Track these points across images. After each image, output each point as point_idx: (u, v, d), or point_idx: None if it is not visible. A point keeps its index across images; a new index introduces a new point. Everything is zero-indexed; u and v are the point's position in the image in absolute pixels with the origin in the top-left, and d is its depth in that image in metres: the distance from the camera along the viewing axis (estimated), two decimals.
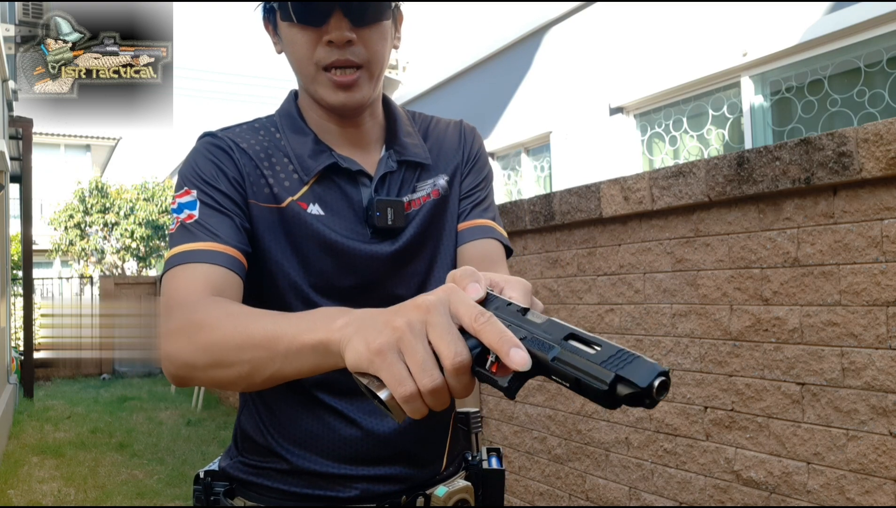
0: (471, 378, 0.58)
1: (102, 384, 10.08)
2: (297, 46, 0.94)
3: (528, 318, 0.61)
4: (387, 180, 1.00)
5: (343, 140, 1.01)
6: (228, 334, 0.73)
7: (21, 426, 6.64)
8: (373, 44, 0.93)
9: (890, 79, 4.21)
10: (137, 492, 4.47)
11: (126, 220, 17.54)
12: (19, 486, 4.63)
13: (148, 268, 18.46)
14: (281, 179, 0.96)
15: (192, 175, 0.94)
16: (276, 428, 0.98)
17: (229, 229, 0.90)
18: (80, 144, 22.80)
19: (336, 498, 0.96)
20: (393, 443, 0.97)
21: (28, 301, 8.24)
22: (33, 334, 8.57)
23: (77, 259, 17.71)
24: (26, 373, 8.25)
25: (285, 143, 1.00)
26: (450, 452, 1.05)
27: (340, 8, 0.90)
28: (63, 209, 17.67)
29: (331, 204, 0.97)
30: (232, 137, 0.99)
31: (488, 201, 1.08)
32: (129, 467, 5.17)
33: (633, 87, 5.84)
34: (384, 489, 0.97)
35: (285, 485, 0.97)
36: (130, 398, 8.43)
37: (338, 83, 0.93)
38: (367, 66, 0.94)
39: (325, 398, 0.96)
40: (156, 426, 6.68)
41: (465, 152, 1.09)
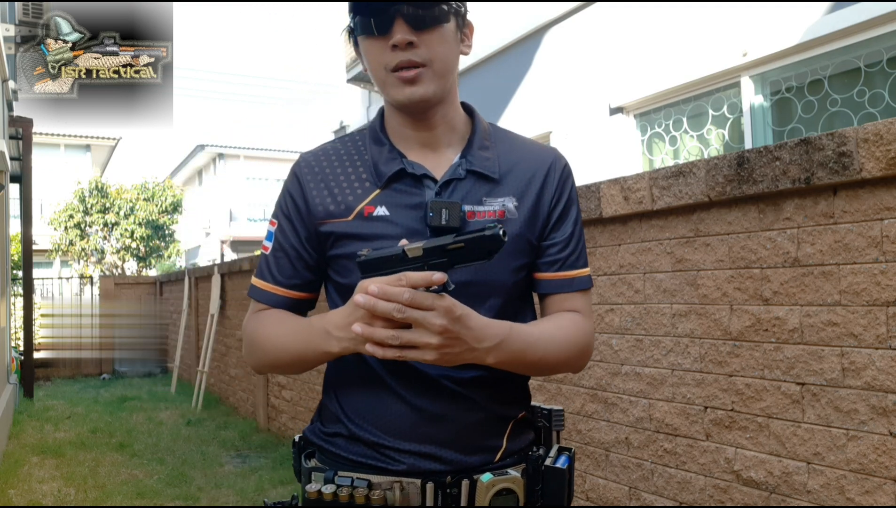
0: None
1: (102, 384, 10.07)
2: (370, 56, 1.09)
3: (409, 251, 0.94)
4: (452, 186, 1.10)
5: (417, 144, 1.13)
6: (271, 353, 1.13)
7: (21, 426, 6.64)
8: (433, 45, 1.06)
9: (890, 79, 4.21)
10: (137, 492, 4.47)
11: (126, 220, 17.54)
12: (19, 486, 4.63)
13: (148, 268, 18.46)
14: (354, 189, 1.12)
15: (276, 206, 1.19)
16: (342, 399, 1.13)
17: (285, 269, 1.15)
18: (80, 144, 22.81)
19: (386, 469, 1.07)
20: (439, 424, 1.07)
21: (28, 301, 8.24)
22: (33, 334, 8.57)
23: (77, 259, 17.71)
24: (26, 373, 8.24)
25: (366, 152, 1.15)
26: (508, 446, 1.11)
27: (401, 15, 1.03)
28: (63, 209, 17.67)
29: (395, 205, 1.09)
30: (309, 160, 1.17)
31: (579, 249, 1.17)
32: (129, 467, 5.17)
33: (633, 87, 5.84)
34: (430, 466, 1.06)
35: (346, 452, 1.11)
36: (130, 398, 8.43)
37: (402, 78, 1.05)
38: (429, 64, 1.06)
39: (384, 375, 1.08)
40: (156, 426, 6.68)
41: (550, 192, 1.15)
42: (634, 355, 2.47)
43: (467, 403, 1.08)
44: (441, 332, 0.91)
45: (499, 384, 1.11)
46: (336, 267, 1.14)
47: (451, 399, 1.07)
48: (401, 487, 1.06)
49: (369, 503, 1.04)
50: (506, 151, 1.16)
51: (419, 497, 1.06)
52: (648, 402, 2.41)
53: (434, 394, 1.07)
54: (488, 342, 0.97)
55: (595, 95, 6.23)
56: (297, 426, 5.61)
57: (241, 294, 7.11)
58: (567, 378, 2.74)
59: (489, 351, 0.97)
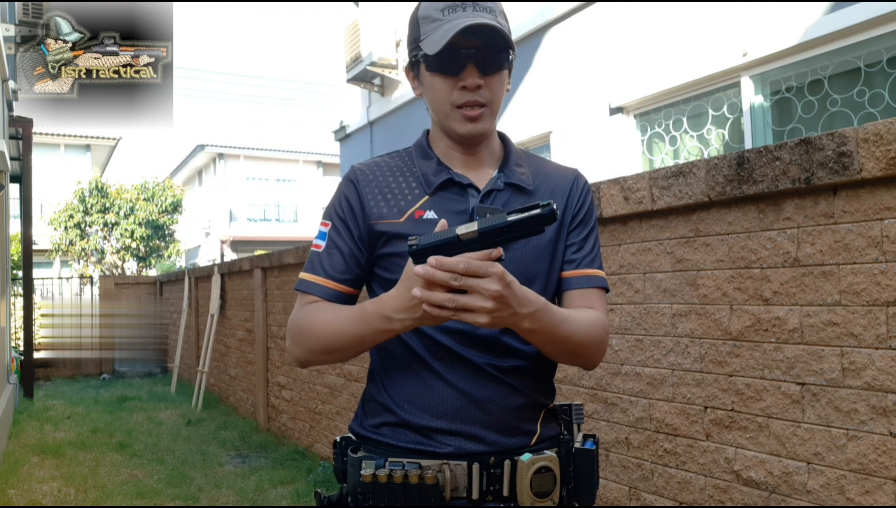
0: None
1: (102, 384, 10.07)
2: (437, 91, 1.21)
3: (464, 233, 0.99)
4: (493, 195, 1.24)
5: (462, 164, 1.27)
6: (326, 338, 1.19)
7: (21, 426, 6.64)
8: (495, 88, 1.21)
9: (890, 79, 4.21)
10: (137, 492, 4.47)
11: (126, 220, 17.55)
12: (19, 486, 4.63)
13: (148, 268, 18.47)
14: (405, 195, 1.24)
15: (330, 208, 1.29)
16: (390, 387, 1.22)
17: (338, 264, 1.24)
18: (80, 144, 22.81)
19: (434, 453, 1.16)
20: (483, 407, 1.17)
21: (28, 301, 8.24)
22: (33, 334, 8.57)
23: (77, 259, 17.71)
24: (26, 373, 8.24)
25: (416, 166, 1.28)
26: (542, 431, 1.23)
27: (473, 61, 1.17)
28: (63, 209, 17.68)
29: (442, 210, 1.22)
30: (363, 169, 1.29)
31: (595, 252, 1.29)
32: (129, 467, 5.17)
33: (633, 87, 5.84)
34: (475, 448, 1.16)
35: (395, 440, 1.19)
36: (130, 398, 8.43)
37: (467, 116, 1.20)
38: (489, 105, 1.21)
39: (430, 360, 1.18)
40: (156, 426, 6.68)
41: (573, 205, 1.30)
42: (634, 355, 2.47)
43: (509, 389, 1.19)
44: (495, 297, 0.98)
45: (535, 373, 1.23)
46: (385, 264, 1.24)
47: (494, 385, 1.18)
48: (449, 468, 1.14)
49: (423, 482, 1.12)
50: (535, 169, 1.31)
51: (465, 477, 1.15)
52: (648, 402, 2.41)
53: (479, 380, 1.18)
54: (528, 308, 1.04)
55: (595, 95, 6.23)
56: (297, 426, 5.61)
57: (241, 294, 7.11)
58: (567, 378, 2.74)
59: (527, 317, 1.05)
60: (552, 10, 6.71)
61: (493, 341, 1.18)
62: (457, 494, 1.14)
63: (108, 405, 7.98)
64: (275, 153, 27.29)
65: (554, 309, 1.12)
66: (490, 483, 1.15)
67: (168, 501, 4.33)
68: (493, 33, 1.16)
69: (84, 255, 17.53)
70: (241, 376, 7.20)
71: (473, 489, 1.15)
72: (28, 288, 8.25)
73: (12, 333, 9.50)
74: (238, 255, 19.01)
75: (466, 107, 1.19)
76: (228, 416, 7.11)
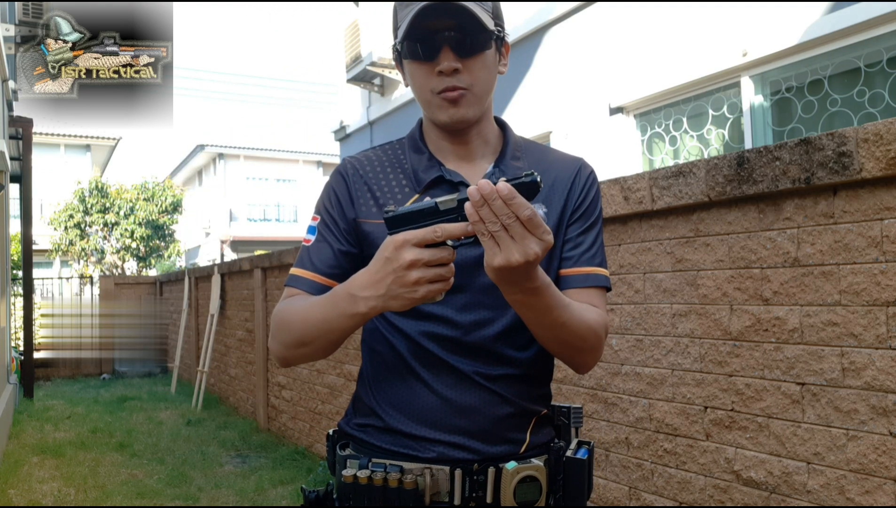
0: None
1: (102, 384, 10.07)
2: (416, 78, 1.17)
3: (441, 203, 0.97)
4: None
5: (454, 156, 1.22)
6: (296, 329, 1.13)
7: (21, 426, 6.64)
8: (476, 71, 1.14)
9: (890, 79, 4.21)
10: (137, 492, 4.47)
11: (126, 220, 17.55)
12: (19, 486, 4.63)
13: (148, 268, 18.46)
14: (395, 193, 1.20)
15: (320, 202, 1.26)
16: (377, 392, 1.20)
17: (326, 258, 1.20)
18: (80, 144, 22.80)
19: (417, 458, 1.14)
20: (468, 415, 1.14)
21: (28, 301, 8.24)
22: (33, 334, 8.56)
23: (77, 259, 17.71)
24: (26, 373, 8.24)
25: (406, 160, 1.23)
26: (532, 440, 1.19)
27: (448, 43, 1.11)
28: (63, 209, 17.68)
29: None
30: (354, 163, 1.25)
31: (595, 248, 1.22)
32: (129, 467, 5.17)
33: (633, 87, 5.84)
34: (459, 455, 1.14)
35: (379, 441, 1.17)
36: (130, 398, 8.42)
37: (447, 99, 1.14)
38: (471, 88, 1.14)
39: (416, 367, 1.16)
40: (156, 426, 6.68)
41: (575, 195, 1.22)
42: (634, 355, 2.47)
43: (496, 397, 1.16)
44: (536, 253, 0.92)
45: (527, 381, 1.19)
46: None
47: (480, 393, 1.15)
48: (431, 473, 1.13)
49: (402, 486, 1.11)
50: (535, 162, 1.24)
51: (448, 482, 1.13)
52: (648, 402, 2.41)
53: (464, 387, 1.15)
54: (536, 282, 1.00)
55: (595, 95, 6.23)
56: (297, 426, 5.61)
57: (241, 294, 7.11)
58: (567, 378, 2.74)
59: (534, 290, 1.01)
60: (552, 10, 6.71)
61: (484, 348, 1.15)
62: (438, 499, 1.13)
63: (108, 405, 7.98)
64: (275, 153, 27.28)
65: (558, 292, 1.08)
66: (473, 490, 1.13)
67: (168, 501, 4.33)
68: (464, 13, 1.09)
69: (84, 255, 17.53)
70: (241, 376, 7.20)
71: (455, 494, 1.13)
72: (28, 288, 8.25)
73: (12, 333, 9.50)
74: (238, 255, 19.01)
75: (446, 91, 1.13)
76: (228, 416, 7.11)
